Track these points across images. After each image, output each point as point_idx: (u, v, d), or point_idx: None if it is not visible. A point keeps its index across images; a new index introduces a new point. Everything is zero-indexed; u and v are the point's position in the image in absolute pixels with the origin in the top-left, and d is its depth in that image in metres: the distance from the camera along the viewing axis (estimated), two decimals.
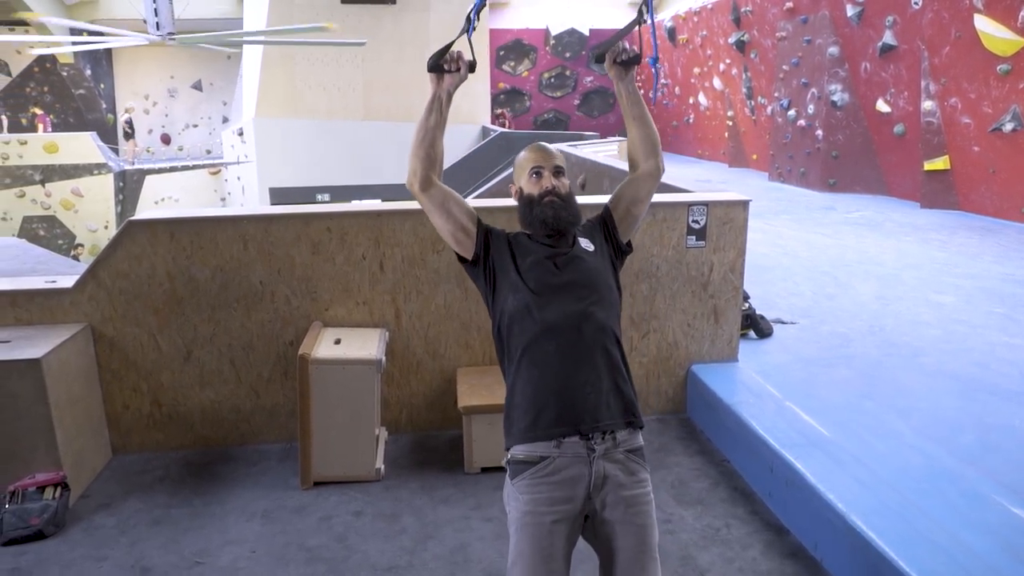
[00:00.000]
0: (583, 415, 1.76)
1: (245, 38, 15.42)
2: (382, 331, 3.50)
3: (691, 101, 18.77)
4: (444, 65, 1.95)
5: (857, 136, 11.12)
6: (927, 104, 9.34)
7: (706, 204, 3.66)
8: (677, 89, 19.72)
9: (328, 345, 3.26)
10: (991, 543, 2.33)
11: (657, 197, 3.95)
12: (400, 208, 3.51)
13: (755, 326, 4.34)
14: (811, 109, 11.80)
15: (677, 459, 3.43)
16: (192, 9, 18.66)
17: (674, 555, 2.69)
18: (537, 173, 2.00)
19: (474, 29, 2.00)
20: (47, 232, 19.52)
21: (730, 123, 16.13)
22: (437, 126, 1.98)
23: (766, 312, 4.71)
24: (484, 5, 2.00)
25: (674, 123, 20.27)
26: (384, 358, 3.24)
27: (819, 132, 11.51)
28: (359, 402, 3.18)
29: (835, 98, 11.19)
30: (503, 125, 20.30)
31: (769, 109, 13.76)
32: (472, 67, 1.99)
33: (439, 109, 1.97)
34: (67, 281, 3.40)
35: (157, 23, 10.41)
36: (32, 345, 3.05)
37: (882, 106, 10.51)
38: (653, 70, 1.97)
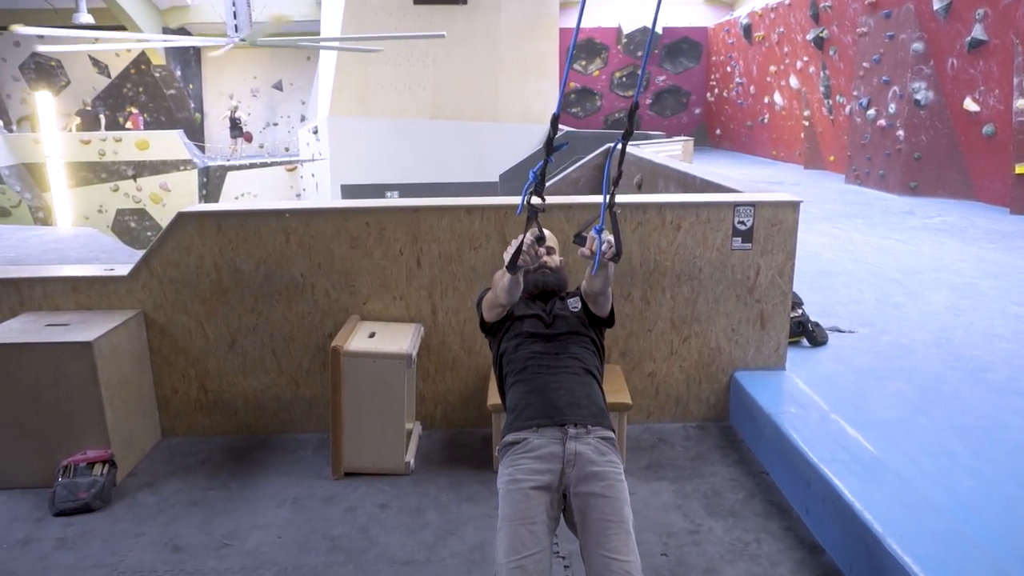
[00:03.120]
0: (557, 410, 2.11)
1: (321, 42, 15.88)
2: (417, 326, 3.53)
3: (766, 100, 18.15)
4: (523, 265, 2.06)
5: (942, 137, 10.47)
6: (1020, 102, 8.70)
7: (753, 205, 3.51)
8: (752, 88, 19.12)
9: (362, 338, 3.31)
10: None
11: (701, 197, 3.85)
12: (437, 204, 3.53)
13: (807, 334, 4.14)
14: (892, 108, 11.19)
15: (713, 468, 3.31)
16: (269, 12, 19.37)
17: (698, 568, 2.60)
18: None
19: (541, 209, 2.08)
20: (137, 224, 20.71)
21: (806, 123, 15.51)
22: (516, 293, 2.23)
23: (823, 320, 4.50)
24: (543, 184, 2.05)
25: (748, 123, 19.67)
26: (415, 353, 3.26)
27: (900, 132, 10.91)
28: (389, 395, 3.21)
29: (919, 96, 10.58)
30: None
31: (847, 108, 13.14)
32: (541, 241, 2.09)
33: (518, 282, 2.20)
34: (124, 269, 3.57)
35: (236, 26, 10.85)
36: (87, 329, 3.22)
37: (970, 105, 9.86)
38: (597, 238, 1.98)
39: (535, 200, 2.04)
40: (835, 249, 6.97)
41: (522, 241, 2.01)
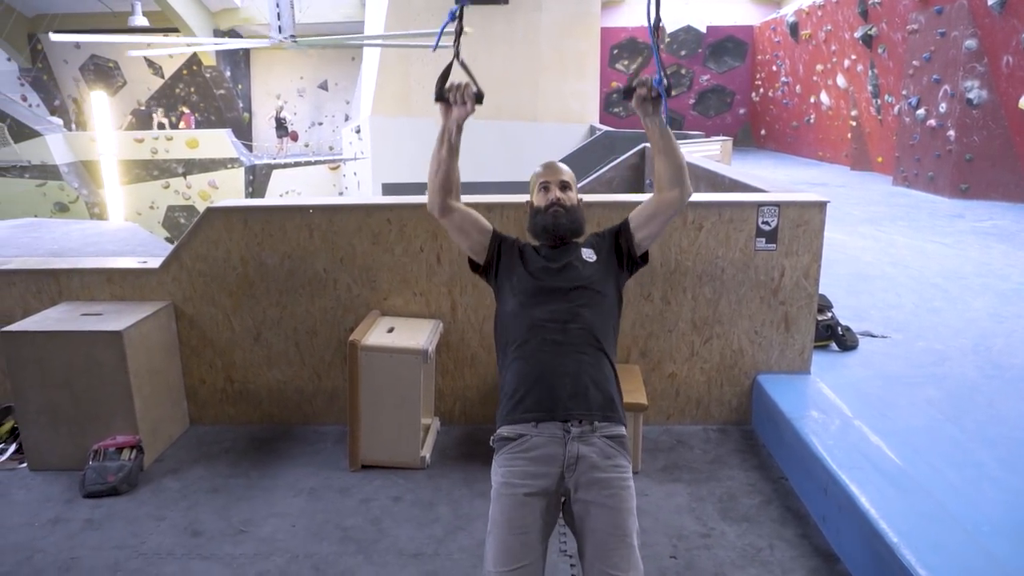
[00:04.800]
0: (560, 402, 1.91)
1: (362, 41, 16.11)
2: (436, 323, 3.56)
3: (812, 100, 17.74)
4: (448, 96, 1.98)
5: (996, 137, 10.08)
6: None
7: (777, 205, 3.44)
8: (798, 88, 18.70)
9: (380, 333, 3.35)
10: None
11: (724, 196, 3.78)
12: None
13: (836, 338, 4.04)
14: (943, 108, 10.82)
15: (731, 472, 3.26)
16: (314, 13, 19.73)
17: (707, 572, 2.56)
18: (545, 187, 2.26)
19: (458, 56, 2.02)
20: (187, 220, 21.32)
21: (854, 123, 15.10)
22: (450, 156, 2.13)
23: (856, 324, 4.38)
24: (459, 21, 2.00)
25: (794, 123, 19.25)
26: (431, 349, 3.28)
27: (951, 133, 10.54)
28: (405, 390, 3.25)
29: (971, 95, 10.20)
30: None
31: (896, 108, 12.76)
32: (479, 98, 2.02)
33: (449, 140, 2.10)
34: (156, 262, 3.69)
35: (280, 27, 11.09)
36: (118, 319, 3.34)
37: None
38: (661, 92, 1.94)
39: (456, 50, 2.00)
40: (876, 252, 6.77)
41: (449, 68, 1.93)
